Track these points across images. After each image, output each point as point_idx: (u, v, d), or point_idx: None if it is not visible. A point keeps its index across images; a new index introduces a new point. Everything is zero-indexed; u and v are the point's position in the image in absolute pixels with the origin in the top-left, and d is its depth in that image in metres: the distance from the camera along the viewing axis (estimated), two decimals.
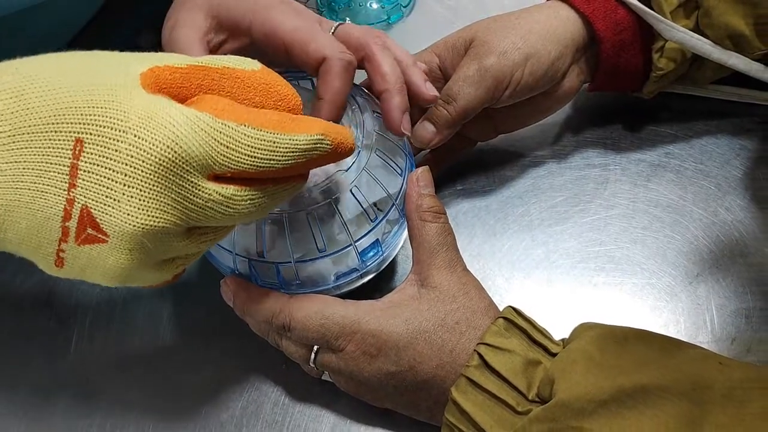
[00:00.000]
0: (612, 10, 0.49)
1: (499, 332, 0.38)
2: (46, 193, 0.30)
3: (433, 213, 0.41)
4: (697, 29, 0.49)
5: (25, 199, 0.30)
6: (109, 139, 0.30)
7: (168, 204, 0.31)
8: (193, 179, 0.31)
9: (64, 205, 0.30)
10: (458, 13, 0.63)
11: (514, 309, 0.40)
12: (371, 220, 0.41)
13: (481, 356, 0.38)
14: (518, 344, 0.38)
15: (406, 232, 0.43)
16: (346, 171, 0.40)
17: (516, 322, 0.39)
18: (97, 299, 0.49)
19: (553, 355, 0.38)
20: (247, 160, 0.31)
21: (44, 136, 0.30)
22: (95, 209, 0.30)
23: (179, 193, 0.31)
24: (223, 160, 0.31)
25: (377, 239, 0.42)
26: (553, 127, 0.55)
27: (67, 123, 0.30)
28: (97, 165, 0.30)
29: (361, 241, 0.41)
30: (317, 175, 0.40)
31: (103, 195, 0.30)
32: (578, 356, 0.37)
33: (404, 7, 0.64)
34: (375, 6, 0.63)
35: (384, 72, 0.41)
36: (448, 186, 0.53)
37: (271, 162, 0.32)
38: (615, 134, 0.55)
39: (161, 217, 0.31)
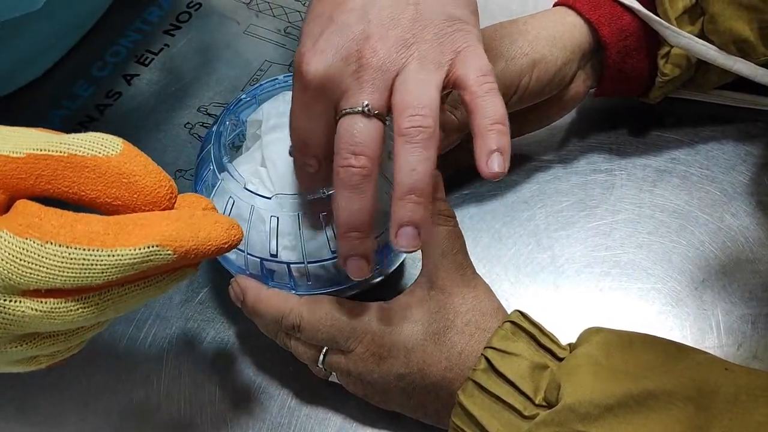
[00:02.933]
0: (617, 16, 0.49)
1: (506, 336, 0.39)
2: None
3: (444, 216, 0.41)
4: (702, 35, 0.49)
5: None
6: None
7: None
8: None
9: None
10: None
11: (521, 313, 0.40)
12: (382, 223, 0.41)
13: (488, 360, 0.38)
14: (525, 348, 0.38)
15: None
16: None
17: (523, 326, 0.39)
18: None
19: (560, 359, 0.38)
20: (56, 279, 0.29)
21: None
22: None
23: None
24: (27, 280, 0.29)
25: (387, 242, 0.42)
26: (559, 131, 0.55)
27: None
28: None
29: None
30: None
31: None
32: (584, 361, 0.37)
33: None
34: None
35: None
36: (454, 190, 0.53)
37: (88, 279, 0.30)
38: (621, 139, 0.55)
39: None
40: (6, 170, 0.30)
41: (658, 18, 0.48)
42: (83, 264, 0.29)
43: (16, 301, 0.30)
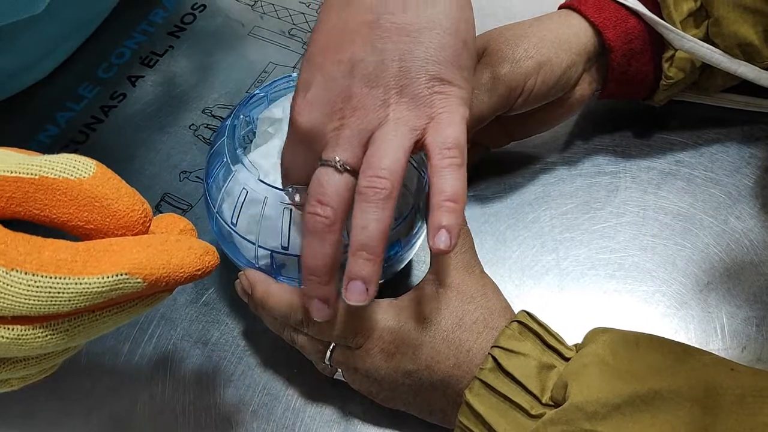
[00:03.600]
0: (622, 19, 0.49)
1: (513, 336, 0.39)
2: None
3: None
4: (706, 38, 0.49)
5: None
6: None
7: None
8: None
9: None
10: None
11: (528, 313, 0.40)
12: (393, 219, 0.41)
13: (495, 359, 0.38)
14: (532, 348, 0.38)
15: (424, 233, 0.44)
16: None
17: (530, 326, 0.39)
18: None
19: (567, 359, 0.38)
20: (21, 306, 0.29)
21: None
22: None
23: None
24: None
25: (398, 239, 0.42)
26: (563, 134, 0.55)
27: None
28: None
29: None
30: None
31: None
32: (591, 360, 0.37)
33: None
34: None
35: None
36: None
37: (54, 307, 0.29)
38: (625, 142, 0.55)
39: None
40: None
41: (662, 21, 0.48)
42: (50, 292, 0.29)
43: None
